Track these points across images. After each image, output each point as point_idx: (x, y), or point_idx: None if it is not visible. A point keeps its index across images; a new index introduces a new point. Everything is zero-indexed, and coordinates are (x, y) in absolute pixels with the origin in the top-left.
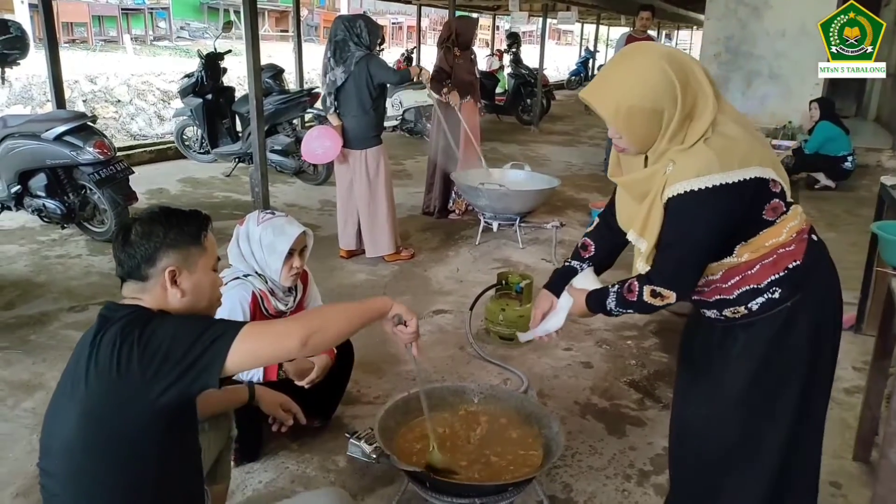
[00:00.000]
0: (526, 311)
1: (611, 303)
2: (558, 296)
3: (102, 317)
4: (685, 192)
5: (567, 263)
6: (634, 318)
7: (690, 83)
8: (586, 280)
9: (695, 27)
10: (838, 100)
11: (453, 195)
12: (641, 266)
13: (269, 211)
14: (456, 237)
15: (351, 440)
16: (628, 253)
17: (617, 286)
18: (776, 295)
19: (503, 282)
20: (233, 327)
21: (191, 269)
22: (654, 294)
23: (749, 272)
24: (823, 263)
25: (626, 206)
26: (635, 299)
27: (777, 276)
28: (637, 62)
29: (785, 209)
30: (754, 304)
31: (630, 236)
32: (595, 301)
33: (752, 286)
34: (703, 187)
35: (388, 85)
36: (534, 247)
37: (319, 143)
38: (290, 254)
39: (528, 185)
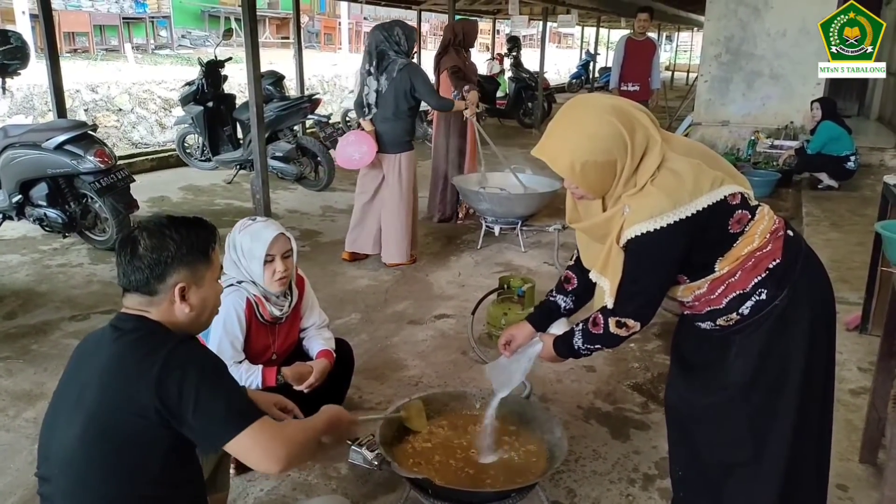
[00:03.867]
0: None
1: (577, 341)
2: (537, 329)
3: (113, 327)
4: (642, 233)
5: (551, 298)
6: None
7: (637, 130)
8: (559, 328)
9: (695, 28)
10: (840, 99)
11: (460, 199)
12: (609, 303)
13: (251, 218)
14: (457, 242)
15: (352, 447)
16: None
17: (581, 324)
18: (763, 296)
19: (505, 286)
20: (248, 417)
21: (199, 284)
22: (619, 325)
23: (732, 279)
24: (803, 256)
25: (587, 247)
26: (601, 332)
27: (759, 277)
28: (585, 118)
29: (751, 216)
30: (745, 309)
31: (592, 275)
32: (562, 344)
33: (738, 292)
34: (658, 227)
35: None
36: (536, 250)
37: (356, 149)
38: (272, 258)
39: (530, 188)
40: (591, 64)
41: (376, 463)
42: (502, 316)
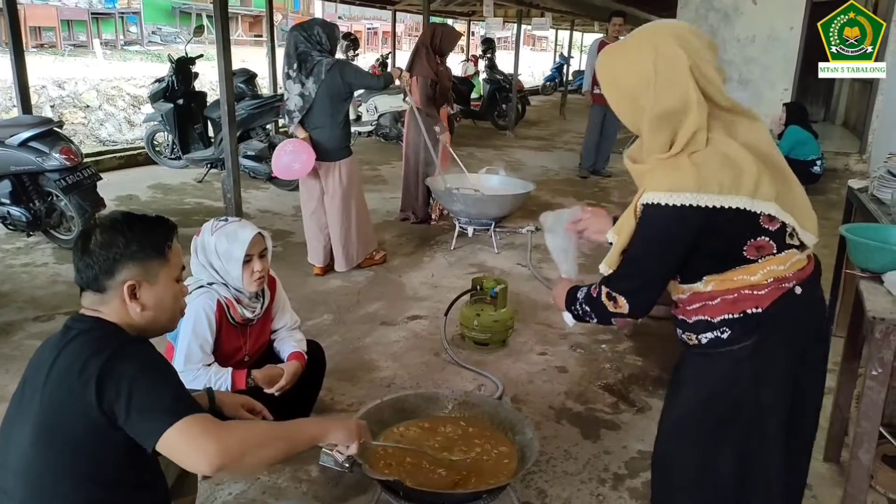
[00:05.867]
0: (501, 317)
1: (580, 293)
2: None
3: (66, 328)
4: (654, 203)
5: None
6: None
7: (676, 83)
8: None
9: None
10: (807, 105)
11: (431, 200)
12: (602, 267)
13: (222, 219)
14: (431, 242)
15: (323, 449)
16: None
17: (593, 284)
18: (724, 336)
19: (478, 287)
20: (178, 412)
21: (151, 282)
22: (609, 297)
23: (710, 302)
24: (792, 318)
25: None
26: (595, 297)
27: (731, 316)
28: (640, 39)
29: (775, 250)
30: (703, 338)
31: (609, 235)
32: (571, 290)
33: (706, 318)
34: (672, 204)
35: (363, 90)
36: (509, 251)
37: (296, 158)
38: (249, 258)
39: (504, 189)
40: (565, 67)
41: (347, 465)
42: (475, 317)
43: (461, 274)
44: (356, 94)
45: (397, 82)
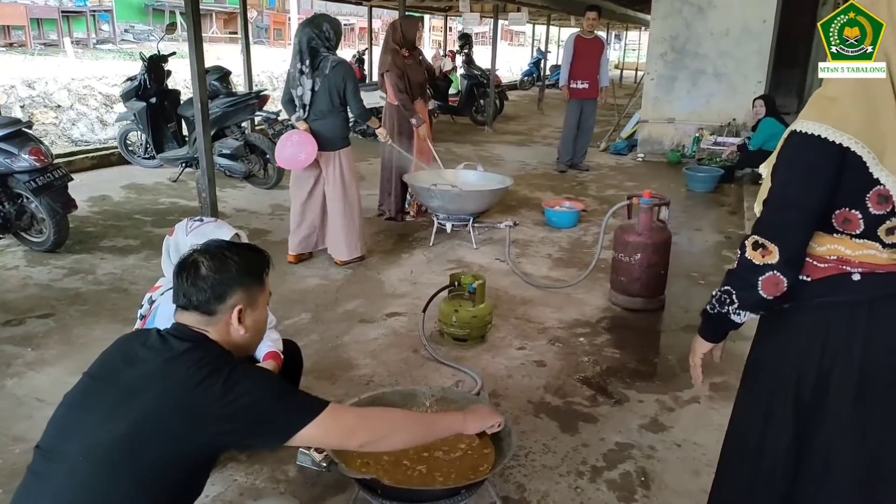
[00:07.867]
0: (479, 312)
1: (714, 294)
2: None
3: (173, 336)
4: (790, 130)
5: None
6: (586, 316)
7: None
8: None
9: (642, 28)
10: (780, 97)
11: (409, 197)
12: (756, 206)
13: (197, 218)
14: (410, 239)
15: (301, 449)
16: None
17: None
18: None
19: (456, 283)
20: (315, 407)
21: (253, 307)
22: (755, 246)
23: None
24: (838, 310)
25: None
26: (736, 264)
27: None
28: None
29: (859, 233)
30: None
31: (761, 168)
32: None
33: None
34: (794, 129)
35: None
36: (487, 247)
37: (301, 148)
38: None
39: (482, 185)
40: (543, 62)
41: (325, 465)
42: (453, 313)
43: (440, 270)
44: None
45: (381, 136)
